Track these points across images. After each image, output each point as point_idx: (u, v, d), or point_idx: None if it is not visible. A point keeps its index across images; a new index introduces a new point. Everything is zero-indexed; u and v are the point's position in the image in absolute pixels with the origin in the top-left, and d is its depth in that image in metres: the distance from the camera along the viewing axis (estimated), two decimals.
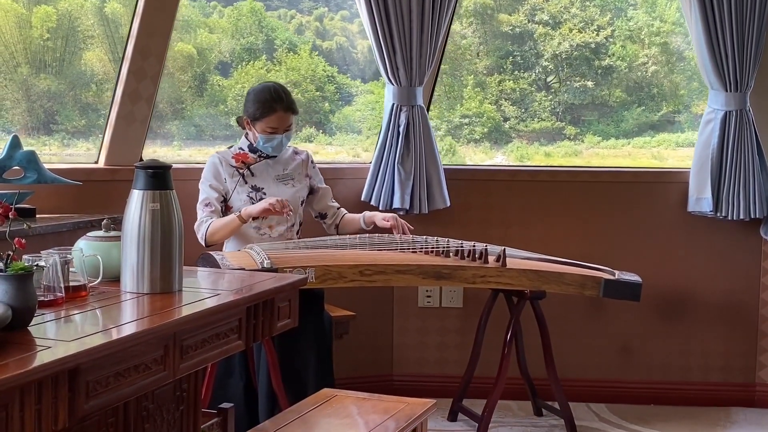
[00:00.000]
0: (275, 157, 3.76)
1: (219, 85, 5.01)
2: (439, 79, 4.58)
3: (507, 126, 4.96)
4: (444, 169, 4.32)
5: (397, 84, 4.21)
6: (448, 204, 4.32)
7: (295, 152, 3.86)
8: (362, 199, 4.29)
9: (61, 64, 4.82)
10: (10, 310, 1.85)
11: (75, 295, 2.19)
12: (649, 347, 4.47)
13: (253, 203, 3.67)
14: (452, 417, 4.14)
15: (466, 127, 5.05)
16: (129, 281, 2.28)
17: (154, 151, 4.69)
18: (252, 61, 5.03)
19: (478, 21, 5.04)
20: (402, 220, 3.78)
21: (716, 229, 4.39)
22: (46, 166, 3.71)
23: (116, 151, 4.13)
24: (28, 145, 3.77)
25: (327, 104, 5.18)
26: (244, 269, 3.13)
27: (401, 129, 4.22)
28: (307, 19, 5.26)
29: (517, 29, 4.95)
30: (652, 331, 4.46)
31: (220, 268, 3.20)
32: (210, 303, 2.24)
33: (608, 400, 4.44)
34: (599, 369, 4.48)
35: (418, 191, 4.22)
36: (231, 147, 3.81)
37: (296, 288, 2.56)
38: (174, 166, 2.40)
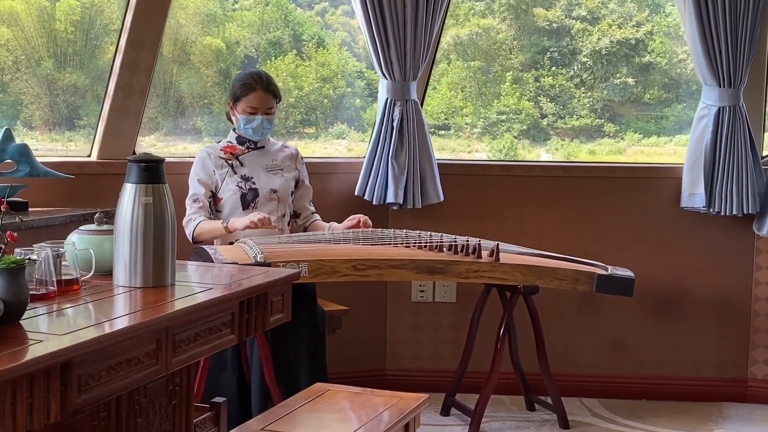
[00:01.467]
0: (263, 147, 3.77)
1: None
2: (472, 75, 4.55)
3: (545, 123, 4.91)
4: (438, 163, 4.32)
5: (391, 78, 4.21)
6: (442, 199, 4.32)
7: (284, 146, 3.87)
8: (356, 193, 4.29)
9: (85, 58, 4.79)
10: (2, 304, 1.85)
11: (67, 289, 2.19)
12: (642, 342, 4.48)
13: (243, 193, 3.67)
14: (445, 411, 4.15)
15: (503, 123, 5.00)
16: (121, 275, 2.27)
17: (184, 147, 4.67)
18: (281, 56, 4.99)
19: (512, 16, 4.99)
20: (364, 216, 3.75)
21: (709, 225, 4.39)
22: (39, 159, 3.70)
23: (109, 144, 4.12)
24: (52, 141, 3.75)
25: (358, 100, 5.14)
26: (237, 263, 3.12)
27: (395, 123, 4.21)
28: (309, 14, 5.24)
29: (554, 24, 4.90)
30: (644, 326, 4.47)
31: (214, 262, 3.19)
32: (202, 297, 2.23)
33: (601, 395, 4.45)
34: (592, 364, 4.49)
35: (412, 186, 4.22)
36: (219, 141, 3.81)
37: (289, 282, 2.55)
38: (168, 159, 2.39)
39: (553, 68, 4.92)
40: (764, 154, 4.41)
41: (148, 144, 4.79)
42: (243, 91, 3.70)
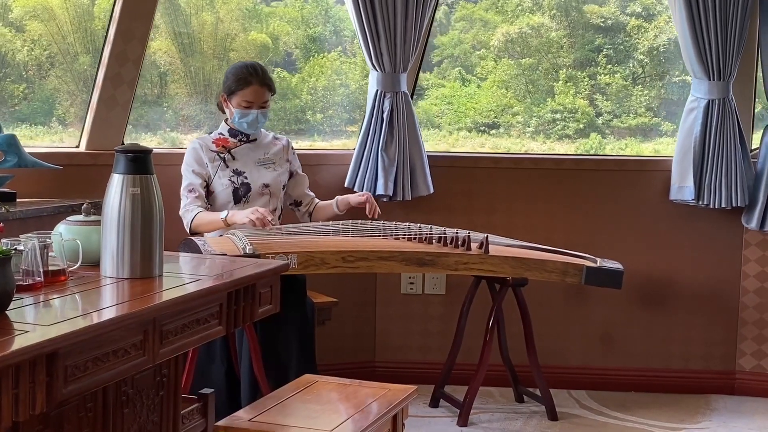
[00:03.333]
0: (255, 140, 3.75)
1: (281, 77, 4.91)
2: (521, 73, 4.51)
3: (600, 121, 4.83)
4: (427, 155, 4.32)
5: (381, 70, 4.20)
6: (432, 191, 4.32)
7: (276, 138, 3.85)
8: (346, 185, 4.29)
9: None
10: None
11: (54, 280, 2.18)
12: (631, 335, 4.49)
13: (235, 187, 3.66)
14: (434, 403, 4.15)
15: (558, 122, 4.95)
16: (109, 266, 2.27)
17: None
18: (322, 53, 4.94)
19: (561, 13, 4.93)
20: (375, 202, 3.76)
21: (698, 218, 4.41)
22: (27, 149, 3.69)
23: (97, 135, 4.11)
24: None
25: None
26: (225, 255, 3.12)
27: (385, 115, 4.21)
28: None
29: (609, 21, 4.84)
30: (633, 318, 4.48)
31: (202, 253, 3.19)
32: (190, 288, 2.23)
33: (589, 387, 4.46)
34: (580, 356, 4.50)
35: (402, 178, 4.22)
36: (211, 133, 3.79)
37: (278, 274, 2.55)
38: (155, 150, 2.39)
39: (609, 66, 4.85)
40: (753, 147, 4.42)
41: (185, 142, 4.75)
42: (238, 85, 3.65)
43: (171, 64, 4.70)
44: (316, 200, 3.88)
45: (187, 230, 3.59)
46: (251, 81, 3.65)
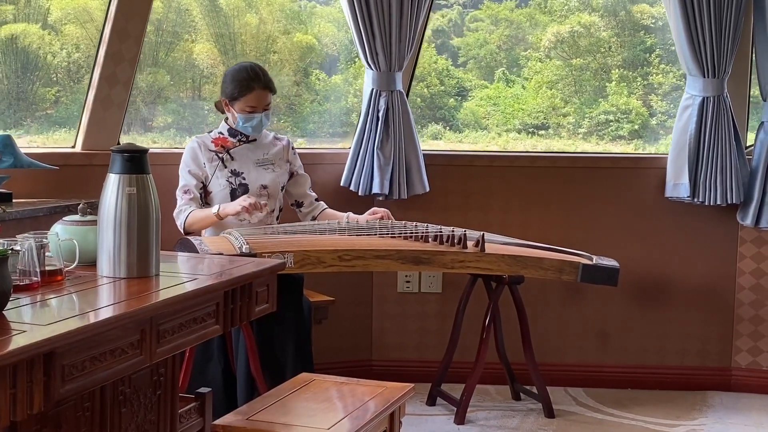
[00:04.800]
0: (255, 141, 3.75)
1: (320, 80, 4.87)
2: (570, 73, 4.48)
3: (654, 122, 4.75)
4: (423, 154, 4.33)
5: (377, 69, 4.21)
6: (428, 189, 4.32)
7: (276, 138, 3.85)
8: (341, 184, 4.29)
9: (164, 58, 4.70)
10: None
11: (51, 280, 2.18)
12: (627, 332, 4.50)
13: (233, 188, 3.66)
14: (431, 401, 4.16)
15: (612, 123, 4.89)
16: (105, 266, 2.27)
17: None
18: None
19: (609, 13, 4.89)
20: (387, 210, 3.77)
21: (693, 215, 4.41)
22: (23, 150, 3.69)
23: (93, 135, 4.10)
24: (139, 142, 3.72)
25: (452, 100, 5.01)
26: (222, 254, 3.12)
27: (380, 114, 4.21)
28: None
29: (659, 22, 4.79)
30: (629, 315, 4.49)
31: (199, 253, 3.19)
32: (187, 287, 2.23)
33: (586, 385, 4.47)
34: (577, 353, 4.51)
35: (398, 176, 4.22)
36: (210, 132, 3.79)
37: (274, 273, 2.56)
38: (152, 150, 2.39)
39: (662, 65, 4.82)
40: (748, 144, 4.43)
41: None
42: (241, 90, 3.62)
43: (213, 67, 4.68)
44: (323, 205, 3.86)
45: (181, 231, 3.59)
46: (254, 86, 3.63)
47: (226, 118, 3.75)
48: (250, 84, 3.63)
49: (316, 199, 3.87)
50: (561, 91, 4.92)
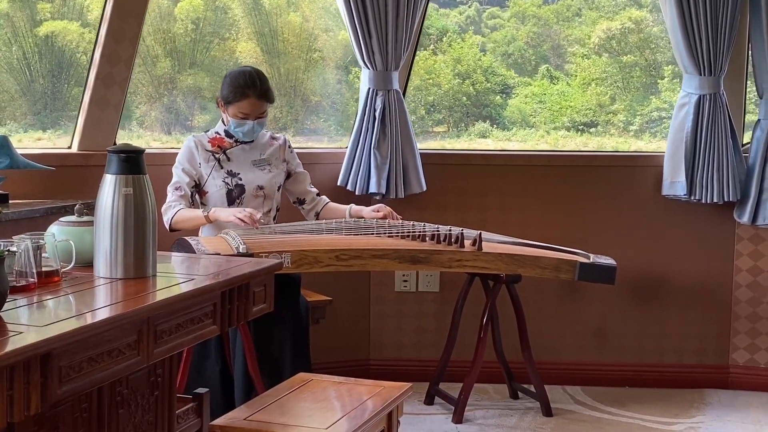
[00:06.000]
0: (251, 141, 3.74)
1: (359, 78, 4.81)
2: (619, 70, 4.43)
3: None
4: (420, 153, 4.32)
5: (373, 68, 4.20)
6: (425, 188, 4.32)
7: (273, 137, 3.84)
8: (338, 183, 4.29)
9: (203, 57, 4.66)
10: None
11: (47, 281, 2.18)
12: (624, 330, 4.50)
13: (229, 189, 3.65)
14: (429, 400, 4.16)
15: (665, 120, 4.78)
16: (102, 266, 2.27)
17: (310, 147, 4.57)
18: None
19: (658, 9, 4.81)
20: (389, 208, 3.77)
21: (690, 213, 4.42)
22: (19, 151, 3.68)
23: (89, 136, 4.10)
24: (179, 141, 3.70)
25: (498, 97, 4.95)
26: (219, 254, 3.12)
27: (377, 113, 4.21)
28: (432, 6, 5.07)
29: None
30: (626, 314, 4.49)
31: (196, 253, 3.18)
32: (184, 288, 2.23)
33: (583, 383, 4.47)
34: (574, 352, 4.51)
35: (395, 176, 4.22)
36: (208, 131, 3.78)
37: (272, 273, 2.55)
38: (148, 150, 2.39)
39: None
40: (744, 142, 4.43)
41: None
42: (235, 96, 3.60)
43: (255, 65, 4.65)
44: (325, 199, 3.85)
45: (167, 227, 3.55)
46: (248, 94, 3.60)
47: (223, 119, 3.74)
48: (245, 91, 3.61)
49: (318, 194, 3.86)
50: (609, 88, 4.88)
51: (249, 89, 3.61)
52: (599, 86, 4.85)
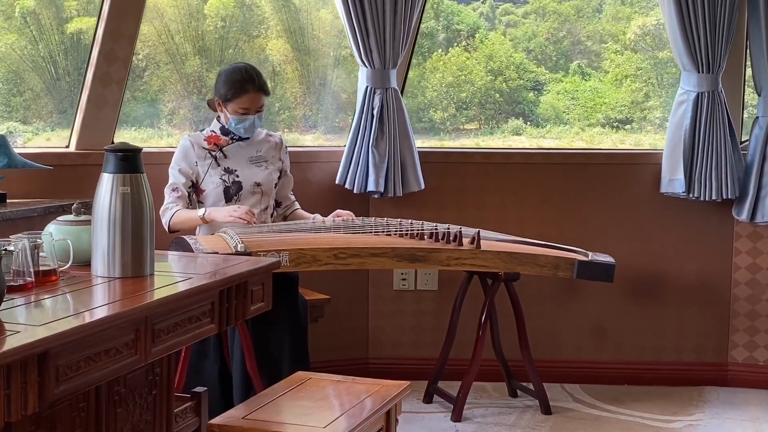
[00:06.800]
0: (247, 138, 3.74)
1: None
2: (653, 66, 4.38)
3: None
4: (418, 151, 4.32)
5: (371, 66, 4.20)
6: (423, 187, 4.32)
7: (269, 135, 3.84)
8: (337, 182, 4.29)
9: (235, 55, 4.62)
10: None
11: (45, 280, 2.17)
12: (623, 328, 4.50)
13: (226, 186, 3.65)
14: (427, 399, 4.15)
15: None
16: (100, 265, 2.26)
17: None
18: (439, 49, 4.76)
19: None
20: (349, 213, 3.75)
21: (689, 210, 4.42)
22: (17, 150, 3.68)
23: (87, 135, 4.09)
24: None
25: (531, 94, 4.92)
26: (217, 253, 3.11)
27: (375, 112, 4.20)
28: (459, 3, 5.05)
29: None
30: (625, 311, 4.49)
31: (193, 252, 3.18)
32: (182, 287, 2.22)
33: (582, 381, 4.47)
34: (573, 350, 4.51)
35: (393, 174, 4.22)
36: (203, 130, 3.78)
37: (270, 271, 2.55)
38: (145, 149, 2.38)
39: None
40: (743, 139, 4.43)
41: (296, 140, 4.61)
42: (234, 93, 3.61)
43: (285, 63, 4.64)
44: (296, 205, 3.87)
45: (166, 229, 3.56)
46: (247, 89, 3.61)
47: (218, 117, 3.74)
48: (243, 86, 3.62)
49: (293, 201, 3.88)
50: (644, 85, 4.85)
51: (247, 84, 3.62)
52: (633, 83, 4.83)
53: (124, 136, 4.45)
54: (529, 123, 4.94)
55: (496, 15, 5.05)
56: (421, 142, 4.06)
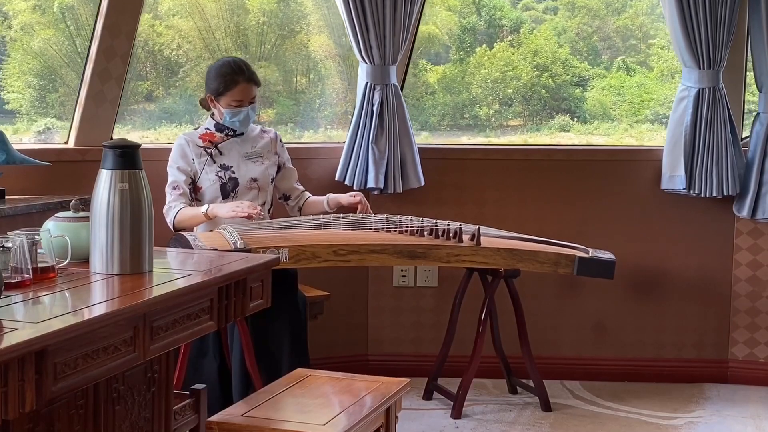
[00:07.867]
0: (242, 134, 3.73)
1: (427, 70, 4.72)
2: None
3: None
4: (418, 148, 4.31)
5: (371, 62, 4.19)
6: (423, 183, 4.31)
7: (263, 131, 3.83)
8: (336, 178, 4.28)
9: (277, 51, 4.60)
10: None
11: (43, 277, 2.16)
12: (623, 324, 4.49)
13: (222, 182, 3.64)
14: (427, 396, 4.15)
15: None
16: (98, 262, 2.25)
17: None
18: (482, 45, 4.69)
19: None
20: (367, 203, 3.76)
21: (689, 207, 4.41)
22: (15, 146, 3.67)
23: (86, 131, 4.08)
24: None
25: (578, 90, 4.87)
26: (216, 250, 3.10)
27: (375, 108, 4.19)
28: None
29: None
30: (625, 308, 4.48)
31: (193, 248, 3.17)
32: (180, 283, 2.21)
33: (582, 378, 4.46)
34: (573, 347, 4.50)
35: (392, 170, 4.21)
36: (197, 128, 3.77)
37: (269, 268, 2.54)
38: (144, 146, 2.37)
39: None
40: (743, 136, 4.42)
41: (340, 137, 4.60)
42: (226, 86, 3.62)
43: (326, 59, 4.61)
44: (307, 194, 3.86)
45: (171, 228, 3.57)
46: (238, 80, 3.62)
47: (212, 114, 3.74)
48: (234, 78, 3.62)
49: (302, 191, 3.87)
50: (673, 80, 4.78)
51: (238, 75, 3.62)
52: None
53: (165, 132, 4.43)
54: (576, 119, 4.89)
55: (537, 9, 5.00)
56: (467, 139, 4.02)
